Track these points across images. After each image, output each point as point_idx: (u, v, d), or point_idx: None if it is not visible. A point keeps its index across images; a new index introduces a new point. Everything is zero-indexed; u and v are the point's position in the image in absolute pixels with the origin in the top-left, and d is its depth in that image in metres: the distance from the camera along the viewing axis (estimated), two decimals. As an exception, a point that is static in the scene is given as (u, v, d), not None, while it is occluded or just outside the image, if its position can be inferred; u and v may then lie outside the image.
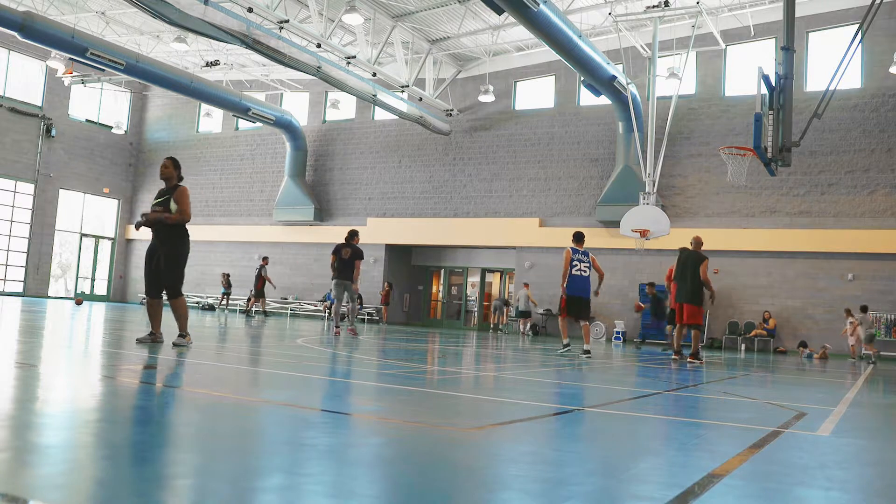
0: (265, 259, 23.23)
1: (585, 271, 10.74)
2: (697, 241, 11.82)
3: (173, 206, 7.36)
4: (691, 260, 11.54)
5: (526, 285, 22.80)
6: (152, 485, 2.18)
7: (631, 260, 22.33)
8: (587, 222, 23.49)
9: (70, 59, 23.58)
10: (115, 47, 22.81)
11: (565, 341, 10.82)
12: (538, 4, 16.45)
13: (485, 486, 2.45)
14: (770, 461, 3.10)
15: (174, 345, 7.31)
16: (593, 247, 14.47)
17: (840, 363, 15.61)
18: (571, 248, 10.83)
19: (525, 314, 22.33)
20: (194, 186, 31.35)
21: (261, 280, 22.75)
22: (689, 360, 11.22)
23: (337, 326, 12.91)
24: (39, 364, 5.52)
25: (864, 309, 17.81)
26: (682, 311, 11.58)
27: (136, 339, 7.59)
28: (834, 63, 12.30)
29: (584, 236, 11.21)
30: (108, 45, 22.45)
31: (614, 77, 20.83)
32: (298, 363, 7.09)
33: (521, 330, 22.47)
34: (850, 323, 17.42)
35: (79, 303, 22.30)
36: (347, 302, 13.15)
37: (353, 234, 12.96)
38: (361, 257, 12.96)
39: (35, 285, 29.06)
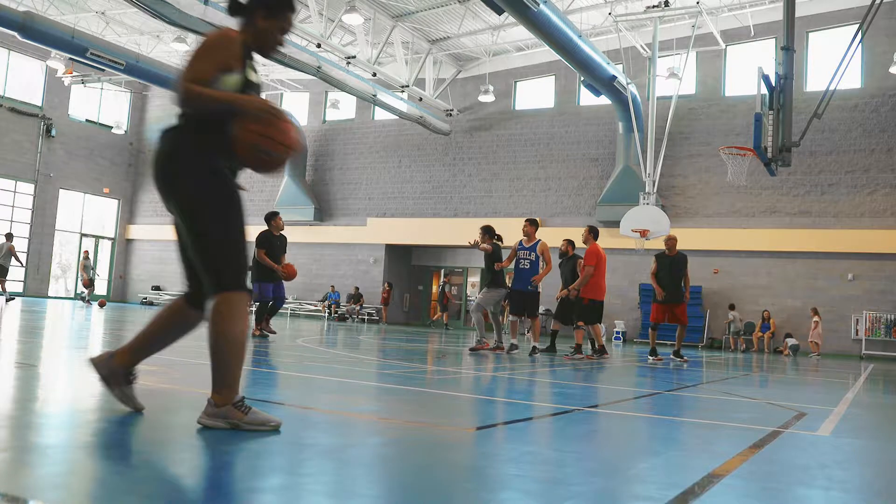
0: (448, 277, 23.83)
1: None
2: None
3: None
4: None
5: None
6: (152, 485, 2.18)
7: (631, 260, 22.31)
8: (587, 222, 23.44)
9: (70, 59, 23.57)
10: (115, 47, 22.81)
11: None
12: (538, 4, 16.44)
13: (485, 486, 2.45)
14: (770, 461, 3.10)
15: None
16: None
17: (833, 361, 15.61)
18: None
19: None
20: (194, 186, 31.37)
21: (445, 296, 24.31)
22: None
23: (483, 340, 10.39)
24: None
25: (731, 307, 20.39)
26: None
27: None
28: (834, 63, 12.30)
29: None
30: (108, 45, 22.44)
31: (614, 77, 20.82)
32: (299, 362, 7.09)
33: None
34: (814, 321, 18.33)
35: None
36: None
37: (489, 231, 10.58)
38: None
39: (35, 285, 29.03)
